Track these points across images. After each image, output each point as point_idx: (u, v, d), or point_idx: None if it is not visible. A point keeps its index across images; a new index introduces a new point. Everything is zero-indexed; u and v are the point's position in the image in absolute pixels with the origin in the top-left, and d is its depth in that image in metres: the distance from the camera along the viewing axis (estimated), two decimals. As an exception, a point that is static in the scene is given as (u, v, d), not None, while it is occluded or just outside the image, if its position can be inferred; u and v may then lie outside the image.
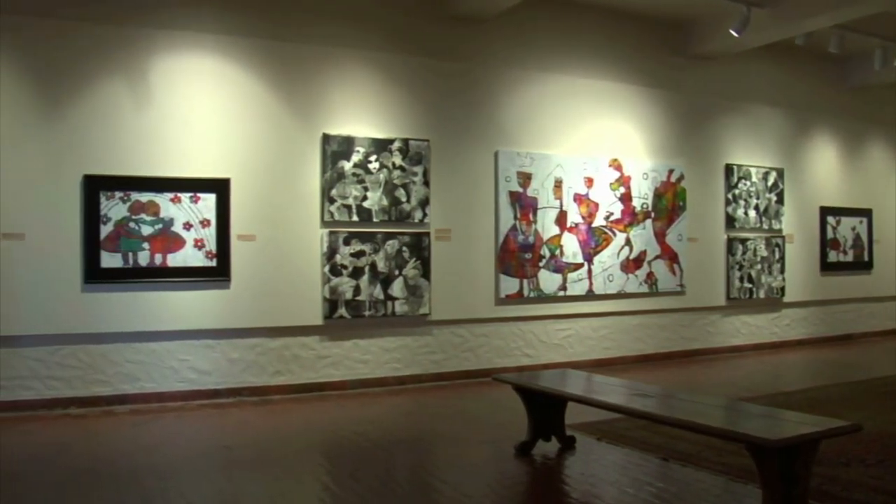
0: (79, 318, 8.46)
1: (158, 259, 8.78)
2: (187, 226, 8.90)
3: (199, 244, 8.93)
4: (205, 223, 8.97)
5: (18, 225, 8.23)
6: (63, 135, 8.48)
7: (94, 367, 8.55)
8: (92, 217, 8.49)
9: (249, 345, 9.25)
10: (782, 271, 13.32)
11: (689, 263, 12.18)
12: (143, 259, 8.67)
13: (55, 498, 5.61)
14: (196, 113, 9.03)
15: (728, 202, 12.72)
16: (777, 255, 13.24)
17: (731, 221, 12.72)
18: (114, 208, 8.56)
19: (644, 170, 11.81)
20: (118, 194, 8.60)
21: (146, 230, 8.74)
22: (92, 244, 8.49)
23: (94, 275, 8.49)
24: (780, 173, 13.35)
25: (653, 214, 11.87)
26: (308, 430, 7.83)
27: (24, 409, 8.25)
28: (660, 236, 11.93)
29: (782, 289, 13.32)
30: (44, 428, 7.73)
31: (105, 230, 8.53)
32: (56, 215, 8.39)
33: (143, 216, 8.72)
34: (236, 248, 9.09)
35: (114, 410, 8.45)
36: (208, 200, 8.98)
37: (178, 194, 8.86)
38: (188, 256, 8.88)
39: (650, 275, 11.81)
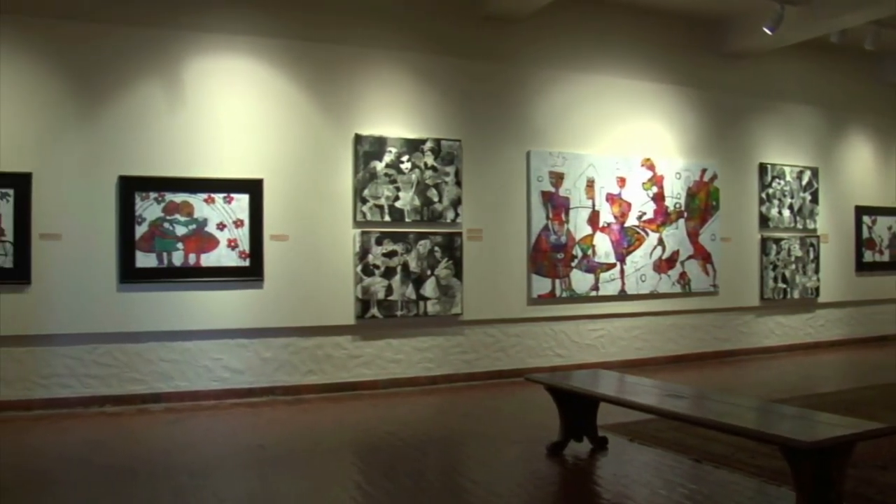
0: (114, 317, 8.52)
1: (192, 259, 8.84)
2: (221, 226, 8.94)
3: (232, 244, 8.98)
4: (238, 223, 9.01)
5: (55, 225, 8.32)
6: (99, 136, 8.56)
7: (130, 365, 8.61)
8: (127, 217, 8.55)
9: (282, 344, 9.28)
10: (817, 271, 13.14)
11: (722, 263, 12.06)
12: (178, 259, 8.73)
13: (91, 494, 5.66)
14: (229, 114, 9.08)
15: (762, 201, 12.58)
16: (812, 255, 13.06)
17: (764, 221, 12.58)
18: (148, 209, 8.63)
19: (677, 169, 11.71)
20: (153, 195, 8.66)
21: (180, 230, 8.79)
22: (127, 244, 8.54)
23: (130, 274, 8.55)
24: (815, 172, 13.17)
25: (686, 214, 11.76)
26: (340, 429, 7.83)
27: (61, 406, 8.33)
28: (693, 236, 11.82)
29: (817, 289, 13.14)
30: (80, 425, 7.79)
31: (140, 230, 8.58)
32: (92, 216, 8.47)
33: (178, 217, 8.78)
34: (269, 248, 9.12)
35: (149, 409, 8.50)
36: (241, 201, 9.02)
37: (212, 195, 8.91)
38: (222, 256, 8.93)
39: (683, 275, 11.71)
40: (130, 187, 8.56)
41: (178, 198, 8.78)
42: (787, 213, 12.81)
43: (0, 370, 8.22)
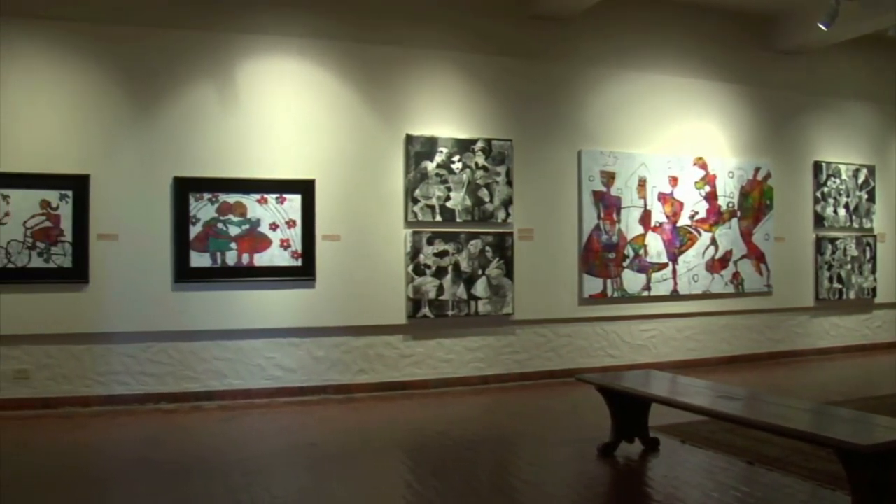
0: (169, 316, 8.60)
1: (245, 259, 8.90)
2: (273, 226, 8.98)
3: (284, 244, 9.03)
4: (290, 223, 9.07)
5: (113, 226, 8.42)
6: (154, 138, 8.64)
7: (184, 363, 8.69)
8: (182, 218, 8.63)
9: (334, 343, 9.31)
10: (873, 271, 12.84)
11: (776, 263, 11.83)
12: (231, 259, 8.79)
13: (147, 491, 5.72)
14: (282, 115, 9.11)
15: (817, 200, 12.32)
16: (868, 255, 12.77)
17: (819, 220, 12.31)
18: (203, 209, 8.71)
19: (730, 168, 11.51)
20: (206, 196, 8.74)
21: (234, 230, 8.86)
22: (182, 244, 8.61)
23: (184, 274, 8.62)
24: (871, 170, 12.85)
25: (739, 213, 11.56)
26: (391, 427, 7.81)
27: (117, 403, 8.43)
28: (746, 235, 11.63)
29: (873, 289, 12.83)
30: (136, 422, 7.87)
31: (194, 231, 8.65)
32: (148, 216, 8.56)
33: (231, 217, 8.85)
34: (321, 248, 9.14)
35: (202, 406, 8.56)
36: (294, 201, 9.06)
37: (265, 195, 8.95)
38: (274, 256, 8.96)
39: (736, 275, 11.52)
40: (185, 188, 8.65)
41: (232, 198, 8.86)
42: (842, 211, 12.55)
43: (59, 367, 8.37)
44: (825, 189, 12.36)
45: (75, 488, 5.77)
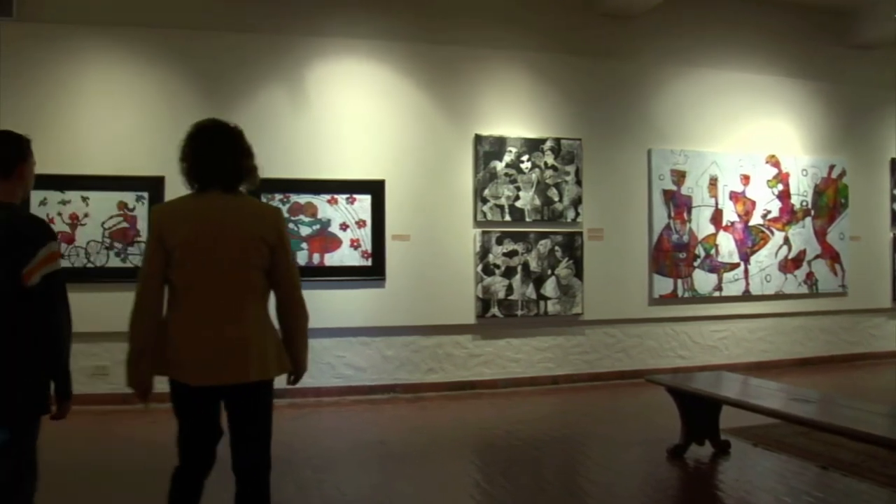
0: (242, 315, 8.75)
1: (316, 258, 8.96)
2: (344, 226, 9.01)
3: (355, 244, 9.06)
4: (360, 224, 9.11)
5: (187, 226, 8.60)
6: (227, 140, 8.82)
7: (257, 362, 8.83)
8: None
9: (403, 342, 9.32)
10: (954, 271, 12.60)
11: (851, 263, 11.50)
12: (302, 258, 8.80)
13: (217, 487, 5.87)
14: (351, 116, 9.14)
15: (894, 198, 11.96)
16: (948, 255, 12.52)
17: (897, 219, 12.13)
18: (275, 209, 8.83)
19: (803, 166, 11.23)
20: (278, 196, 8.81)
21: (305, 231, 8.93)
22: (254, 244, 8.77)
23: (257, 274, 8.77)
24: (951, 167, 12.61)
25: (812, 212, 11.26)
26: (460, 427, 7.77)
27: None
28: (820, 235, 11.34)
29: (954, 290, 12.59)
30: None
31: (266, 231, 8.81)
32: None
33: (302, 217, 8.93)
34: (391, 247, 9.15)
35: (274, 404, 8.72)
36: (364, 201, 9.09)
37: (335, 196, 9.00)
38: (344, 256, 9.00)
39: (810, 275, 11.26)
40: (256, 189, 8.76)
41: (303, 199, 8.94)
42: (921, 210, 12.29)
43: (112, 365, 8.58)
44: (903, 187, 12.08)
45: (146, 483, 5.90)
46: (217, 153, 3.85)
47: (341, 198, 9.01)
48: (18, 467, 3.49)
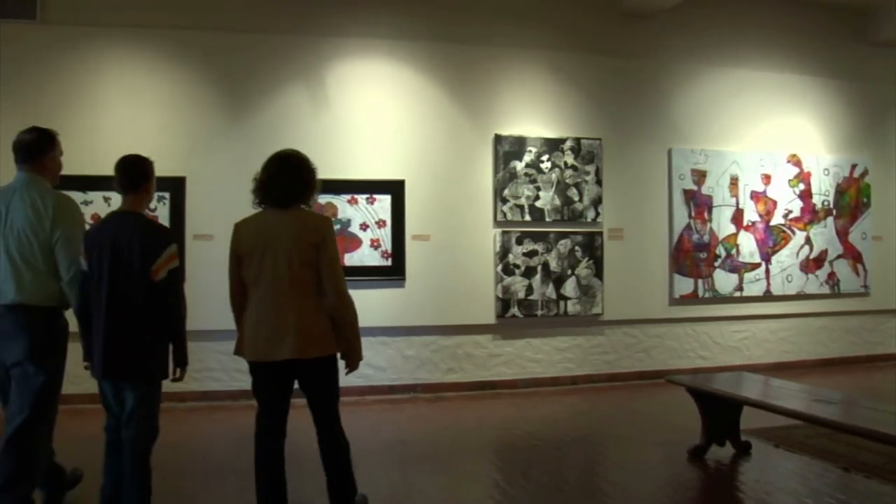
0: (262, 315, 8.78)
1: (336, 259, 9.03)
2: (364, 226, 9.01)
3: (375, 244, 9.05)
4: (380, 224, 9.11)
5: (207, 227, 8.50)
6: (246, 140, 8.72)
7: (278, 361, 8.86)
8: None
9: (424, 342, 9.31)
10: (977, 271, 12.48)
11: (874, 263, 11.36)
12: (323, 258, 8.90)
13: (241, 483, 5.89)
14: (371, 116, 9.14)
15: (917, 198, 11.98)
16: (971, 255, 12.41)
17: (920, 219, 11.99)
18: (295, 210, 8.85)
19: (825, 165, 11.12)
20: (299, 196, 8.89)
21: (325, 231, 8.99)
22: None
23: (277, 274, 8.79)
24: (975, 167, 12.50)
25: (834, 212, 11.16)
26: (480, 427, 7.75)
27: (212, 399, 8.56)
28: (842, 235, 11.23)
29: (977, 290, 12.48)
30: (230, 417, 7.96)
31: (287, 231, 8.83)
32: (242, 217, 8.73)
33: (323, 217, 8.98)
34: (411, 247, 9.12)
35: (293, 403, 8.71)
36: (384, 202, 9.08)
37: (355, 196, 8.99)
38: (365, 256, 8.99)
39: (832, 275, 11.16)
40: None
41: (323, 199, 8.89)
42: (944, 209, 12.17)
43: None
44: (926, 186, 11.98)
45: (170, 482, 5.93)
46: (271, 180, 4.72)
47: (361, 198, 9.02)
48: (146, 424, 4.63)
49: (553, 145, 9.64)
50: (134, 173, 4.70)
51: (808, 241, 10.98)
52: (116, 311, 4.43)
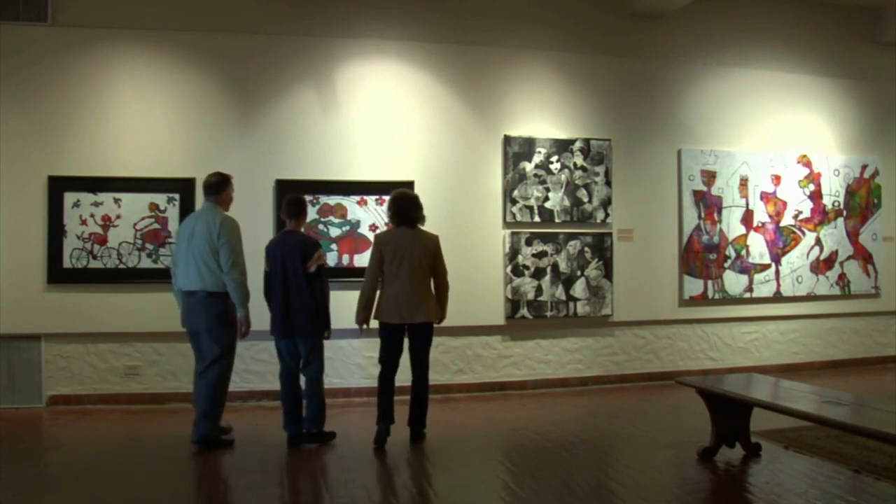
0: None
1: (346, 259, 8.93)
2: (373, 228, 8.96)
3: (384, 245, 9.11)
4: (390, 225, 9.15)
5: (217, 227, 8.64)
6: (257, 142, 8.77)
7: (287, 363, 8.87)
8: (282, 220, 8.79)
9: (433, 343, 9.35)
10: None
11: (884, 264, 11.26)
12: (332, 260, 8.75)
13: (256, 479, 5.91)
14: (380, 118, 9.13)
15: (928, 199, 11.91)
16: (983, 255, 12.33)
17: (931, 219, 11.91)
18: (304, 211, 8.86)
19: (835, 166, 11.06)
20: (308, 198, 8.81)
21: (334, 232, 8.93)
22: (284, 245, 8.83)
23: (287, 275, 8.79)
24: None
25: (845, 212, 11.08)
26: (490, 428, 7.73)
27: (222, 400, 8.69)
28: (852, 235, 11.16)
29: None
30: (241, 418, 7.92)
31: (297, 232, 8.85)
32: (252, 218, 8.47)
33: (332, 218, 8.93)
34: (420, 248, 9.23)
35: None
36: (393, 203, 9.16)
37: (365, 197, 8.98)
38: (374, 257, 9.08)
39: (842, 276, 11.08)
40: (287, 190, 8.70)
41: (332, 200, 8.95)
42: (955, 210, 12.10)
43: (168, 364, 8.62)
44: (937, 187, 11.92)
45: (179, 481, 5.96)
46: (401, 210, 7.12)
47: (371, 199, 9.02)
48: (315, 363, 7.13)
49: (562, 146, 9.63)
50: (298, 208, 7.15)
51: (818, 242, 10.94)
52: (287, 294, 6.84)
